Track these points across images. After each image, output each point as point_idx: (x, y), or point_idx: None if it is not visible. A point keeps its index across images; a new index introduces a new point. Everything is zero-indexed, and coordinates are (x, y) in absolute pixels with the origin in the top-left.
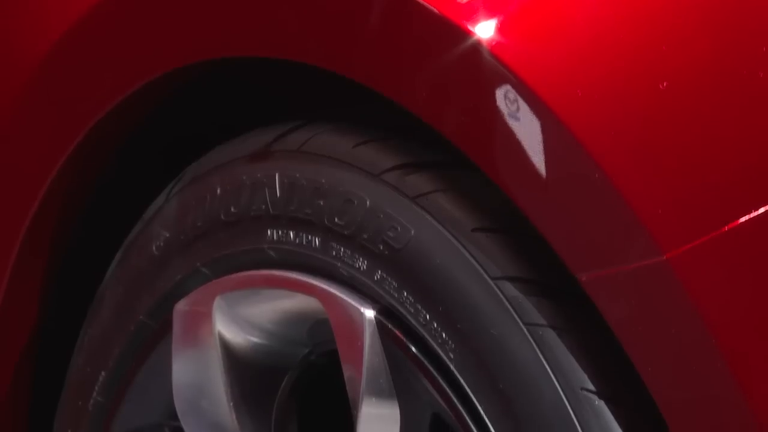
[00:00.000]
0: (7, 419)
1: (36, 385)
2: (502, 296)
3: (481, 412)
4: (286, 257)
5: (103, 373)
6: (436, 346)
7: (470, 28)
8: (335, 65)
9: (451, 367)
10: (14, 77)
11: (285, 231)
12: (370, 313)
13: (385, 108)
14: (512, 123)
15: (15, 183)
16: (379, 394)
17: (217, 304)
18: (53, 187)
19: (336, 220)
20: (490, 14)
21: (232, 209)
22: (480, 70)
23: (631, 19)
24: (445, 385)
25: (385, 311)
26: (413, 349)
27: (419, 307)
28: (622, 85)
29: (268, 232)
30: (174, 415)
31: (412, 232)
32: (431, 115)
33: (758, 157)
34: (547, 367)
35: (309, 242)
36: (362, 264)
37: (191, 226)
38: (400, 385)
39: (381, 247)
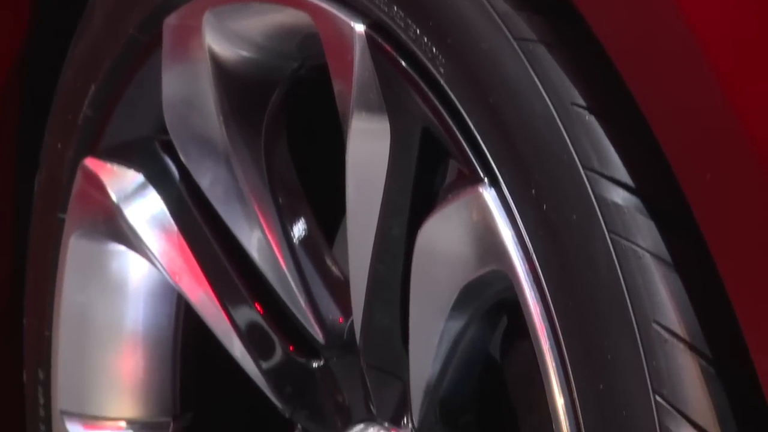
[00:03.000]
0: None
1: (26, 99)
2: (492, 11)
3: (471, 125)
4: None
5: (92, 86)
6: (426, 61)
7: None
8: None
9: (441, 81)
10: None
11: None
12: (360, 27)
13: None
14: None
15: None
16: (368, 108)
17: (207, 18)
18: None
19: None
20: None
21: None
22: None
23: None
24: (435, 100)
25: (375, 25)
26: (403, 63)
27: (409, 22)
28: None
29: None
30: (163, 129)
31: None
32: None
33: None
34: (537, 81)
35: None
36: None
37: None
38: (390, 100)
39: None
